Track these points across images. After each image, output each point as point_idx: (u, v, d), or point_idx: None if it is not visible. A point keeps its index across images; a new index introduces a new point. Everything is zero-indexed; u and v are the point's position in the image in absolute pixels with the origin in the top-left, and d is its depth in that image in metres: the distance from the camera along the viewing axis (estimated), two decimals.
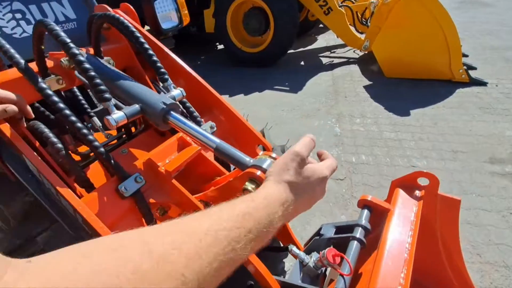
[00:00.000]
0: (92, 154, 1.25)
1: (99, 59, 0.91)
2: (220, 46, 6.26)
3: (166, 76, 0.86)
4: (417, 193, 0.96)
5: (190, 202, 0.83)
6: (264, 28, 4.47)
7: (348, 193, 2.08)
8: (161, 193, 0.85)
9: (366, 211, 0.95)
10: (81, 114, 1.28)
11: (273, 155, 0.66)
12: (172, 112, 0.75)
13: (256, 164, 0.62)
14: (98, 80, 0.70)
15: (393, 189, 1.04)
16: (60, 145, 0.78)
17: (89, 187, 0.81)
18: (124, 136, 1.32)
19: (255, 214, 0.40)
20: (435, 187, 0.92)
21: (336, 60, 4.65)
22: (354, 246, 0.80)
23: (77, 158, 1.04)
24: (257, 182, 0.60)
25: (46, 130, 0.82)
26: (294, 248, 0.99)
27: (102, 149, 0.76)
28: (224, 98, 1.17)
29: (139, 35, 0.85)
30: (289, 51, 4.61)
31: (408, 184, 1.01)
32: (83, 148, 1.28)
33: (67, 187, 0.69)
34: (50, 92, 0.74)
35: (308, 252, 1.16)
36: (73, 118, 0.75)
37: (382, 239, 0.81)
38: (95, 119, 1.19)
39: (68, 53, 0.69)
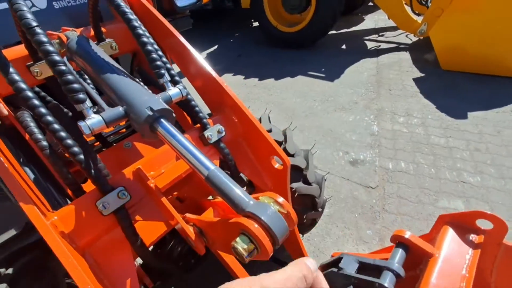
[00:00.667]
0: (97, 143, 1.17)
1: (92, 43, 0.76)
2: (256, 24, 5.91)
3: (162, 71, 0.69)
4: (473, 237, 0.76)
5: (180, 226, 0.68)
6: (305, 4, 4.05)
7: (378, 205, 1.83)
8: (149, 211, 0.72)
9: (400, 251, 0.75)
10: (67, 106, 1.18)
11: (280, 199, 0.48)
12: (162, 120, 0.59)
13: (254, 212, 0.44)
14: (69, 77, 0.55)
15: (440, 225, 0.82)
16: (44, 143, 0.67)
17: (77, 190, 0.70)
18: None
19: None
20: (501, 235, 0.70)
21: (383, 45, 4.11)
22: None
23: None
24: (252, 239, 0.43)
25: (32, 124, 0.71)
26: None
27: (81, 157, 0.64)
28: (252, 81, 0.98)
29: (131, 17, 0.68)
30: (330, 32, 4.16)
31: (462, 223, 0.79)
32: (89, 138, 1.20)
33: (32, 203, 0.58)
34: (23, 86, 0.62)
35: None
36: (49, 118, 0.62)
37: None
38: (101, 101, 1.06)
39: (33, 40, 0.55)
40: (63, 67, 0.55)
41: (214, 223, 0.55)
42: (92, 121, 0.57)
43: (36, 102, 0.62)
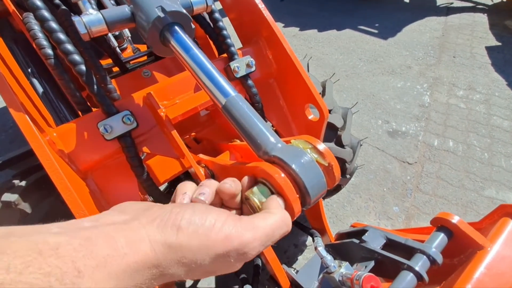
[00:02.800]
0: (115, 68, 1.08)
1: None
2: None
3: None
4: None
5: (188, 163, 0.59)
6: None
7: (412, 182, 1.65)
8: (158, 144, 0.63)
9: (441, 236, 0.64)
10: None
11: (320, 146, 0.34)
12: (176, 28, 0.45)
13: (282, 157, 0.32)
14: None
15: (497, 215, 0.68)
16: (49, 51, 0.57)
17: (86, 110, 0.63)
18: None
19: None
20: None
21: (457, 3, 3.40)
22: (407, 279, 0.57)
23: None
24: (273, 189, 0.31)
25: (36, 27, 0.61)
26: (321, 248, 0.76)
27: (82, 67, 0.54)
28: (292, 31, 0.81)
29: None
30: None
31: None
32: (106, 61, 1.11)
33: (23, 112, 0.50)
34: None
35: (337, 253, 0.92)
36: (53, 25, 0.51)
37: (458, 283, 0.53)
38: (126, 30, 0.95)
39: None
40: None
41: (227, 166, 0.45)
42: (90, 17, 0.44)
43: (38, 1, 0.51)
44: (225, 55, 0.72)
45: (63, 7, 0.74)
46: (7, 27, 0.80)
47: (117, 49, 1.02)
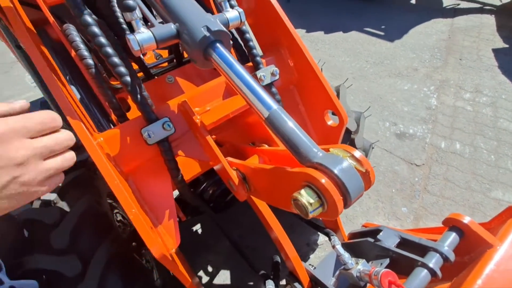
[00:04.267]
0: (139, 74, 1.13)
1: None
2: None
3: None
4: None
5: (223, 169, 0.64)
6: None
7: (420, 184, 1.69)
8: (193, 148, 0.68)
9: (453, 236, 0.69)
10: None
11: (357, 154, 0.39)
12: (218, 45, 0.50)
13: (325, 164, 0.37)
14: None
15: (506, 216, 0.72)
16: (90, 61, 0.62)
17: (122, 116, 0.68)
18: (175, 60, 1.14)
19: None
20: None
21: (464, 4, 3.42)
22: (421, 275, 0.61)
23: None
24: (320, 194, 0.36)
25: (77, 39, 0.66)
26: (338, 246, 0.81)
27: (127, 78, 0.59)
28: (298, 32, 0.84)
29: None
30: None
31: None
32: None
33: (79, 120, 0.56)
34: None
35: (353, 251, 0.96)
36: (95, 30, 0.56)
37: (469, 279, 0.56)
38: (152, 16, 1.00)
39: None
40: None
41: (267, 170, 0.49)
42: (142, 36, 0.49)
43: (82, 8, 0.56)
44: (250, 64, 0.77)
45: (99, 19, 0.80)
46: (44, 36, 0.85)
47: (141, 55, 1.07)
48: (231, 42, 0.53)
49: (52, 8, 0.77)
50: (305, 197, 0.36)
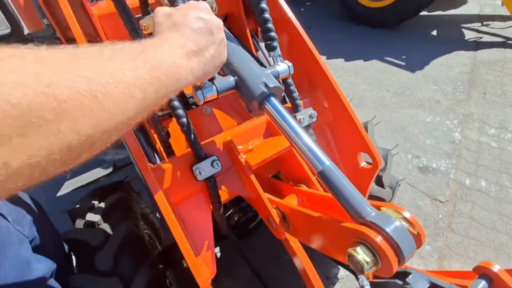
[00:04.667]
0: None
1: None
2: None
3: (275, 44, 0.64)
4: None
5: (263, 206, 0.68)
6: None
7: (444, 222, 1.65)
8: (235, 184, 0.72)
9: (483, 283, 0.69)
10: None
11: (407, 214, 0.42)
12: (272, 98, 0.55)
13: (378, 224, 0.40)
14: None
15: None
16: None
17: (170, 153, 0.74)
18: None
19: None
20: None
21: (486, 38, 3.43)
22: None
23: None
24: (374, 252, 0.39)
25: None
26: (366, 284, 0.81)
27: (184, 120, 0.65)
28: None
29: None
30: (421, 13, 3.59)
31: None
32: None
33: (140, 150, 0.62)
34: (138, 32, 0.63)
35: None
36: None
37: None
38: None
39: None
40: None
41: (312, 217, 0.53)
42: (206, 89, 0.55)
43: None
44: (289, 105, 0.82)
45: None
46: None
47: None
48: (283, 94, 0.59)
49: None
50: (362, 255, 0.38)
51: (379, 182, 1.08)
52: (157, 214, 1.24)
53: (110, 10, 0.77)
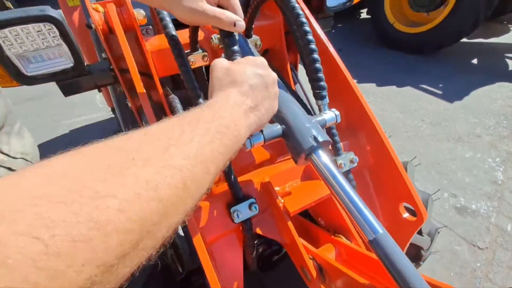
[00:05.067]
0: None
1: (248, 42, 0.75)
2: (364, 16, 5.36)
3: (325, 93, 0.63)
4: None
5: (299, 254, 0.65)
6: (439, 2, 3.41)
7: (482, 271, 1.50)
8: (270, 227, 0.70)
9: None
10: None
11: None
12: (320, 152, 0.54)
13: None
14: None
15: None
16: None
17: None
18: None
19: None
20: None
21: None
22: None
23: None
24: None
25: (178, 105, 0.78)
26: None
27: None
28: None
29: (308, 28, 0.62)
30: (462, 40, 3.45)
31: None
32: None
33: None
34: (189, 69, 0.66)
35: None
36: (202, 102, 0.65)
37: None
38: None
39: (224, 44, 0.55)
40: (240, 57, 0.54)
41: (359, 283, 0.49)
42: (254, 136, 0.55)
43: (196, 84, 0.66)
44: (330, 148, 0.80)
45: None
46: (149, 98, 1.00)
47: None
48: (330, 147, 0.57)
49: (160, 78, 0.91)
50: None
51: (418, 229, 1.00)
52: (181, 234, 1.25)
53: (161, 46, 0.81)
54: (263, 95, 0.45)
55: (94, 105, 3.21)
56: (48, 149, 2.67)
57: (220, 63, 0.48)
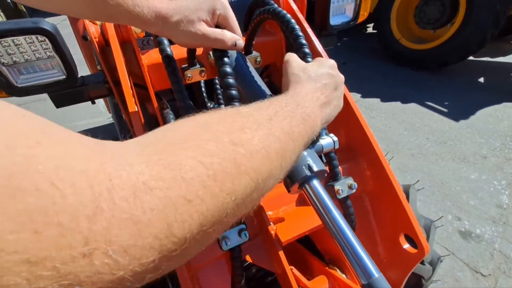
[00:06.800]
0: None
1: (246, 60, 0.73)
2: (370, 30, 5.38)
3: None
4: None
5: (289, 285, 0.61)
6: (446, 20, 3.41)
7: None
8: (261, 255, 0.67)
9: None
10: (210, 91, 1.22)
11: None
12: (314, 181, 0.51)
13: None
14: (233, 92, 0.52)
15: None
16: None
17: None
18: None
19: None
20: None
21: None
22: None
23: None
24: None
25: (171, 115, 0.76)
26: None
27: None
28: (353, 96, 0.85)
29: (307, 50, 0.60)
30: (469, 58, 3.43)
31: None
32: None
33: None
34: (182, 86, 0.64)
35: None
36: None
37: None
38: (223, 107, 1.09)
39: (219, 69, 0.53)
40: (236, 103, 0.52)
41: None
42: None
43: (189, 103, 0.63)
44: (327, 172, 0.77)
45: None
46: (144, 109, 0.98)
47: None
48: (326, 175, 0.54)
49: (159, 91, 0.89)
50: None
51: None
52: None
53: (158, 60, 0.80)
54: (334, 94, 0.49)
55: (97, 110, 3.22)
56: None
57: (296, 61, 0.51)
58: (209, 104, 0.94)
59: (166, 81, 0.83)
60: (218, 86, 1.18)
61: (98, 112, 3.16)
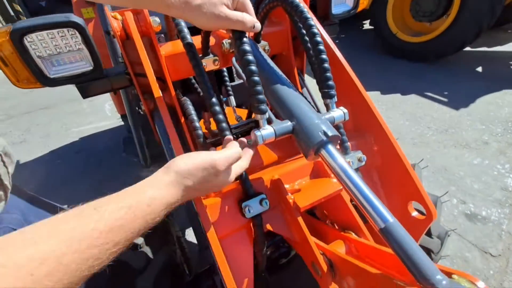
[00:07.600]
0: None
1: (258, 46, 0.79)
2: (367, 26, 5.46)
3: (333, 92, 0.65)
4: None
5: (309, 250, 0.66)
6: (441, 12, 3.47)
7: (496, 279, 1.46)
8: (281, 224, 0.71)
9: None
10: (219, 85, 1.26)
11: (481, 284, 0.39)
12: (329, 146, 0.56)
13: None
14: (259, 88, 0.57)
15: None
16: (200, 132, 0.75)
17: None
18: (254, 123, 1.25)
19: (130, 225, 0.37)
20: None
21: None
22: None
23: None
24: None
25: (193, 112, 0.80)
26: None
27: None
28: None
29: (316, 31, 0.65)
30: (466, 48, 3.48)
31: None
32: None
33: None
34: (203, 72, 0.69)
35: None
36: (217, 109, 0.66)
37: None
38: (232, 98, 1.13)
39: (239, 48, 0.58)
40: (256, 78, 0.57)
41: (369, 273, 0.50)
42: (266, 132, 0.57)
43: (209, 85, 0.68)
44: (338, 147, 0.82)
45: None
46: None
47: None
48: (339, 141, 0.59)
49: (173, 82, 0.95)
50: None
51: (427, 231, 1.00)
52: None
53: (174, 51, 0.85)
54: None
55: (103, 114, 3.29)
56: (58, 155, 2.73)
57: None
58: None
59: (181, 72, 0.89)
60: (227, 79, 1.24)
61: (105, 116, 3.23)
